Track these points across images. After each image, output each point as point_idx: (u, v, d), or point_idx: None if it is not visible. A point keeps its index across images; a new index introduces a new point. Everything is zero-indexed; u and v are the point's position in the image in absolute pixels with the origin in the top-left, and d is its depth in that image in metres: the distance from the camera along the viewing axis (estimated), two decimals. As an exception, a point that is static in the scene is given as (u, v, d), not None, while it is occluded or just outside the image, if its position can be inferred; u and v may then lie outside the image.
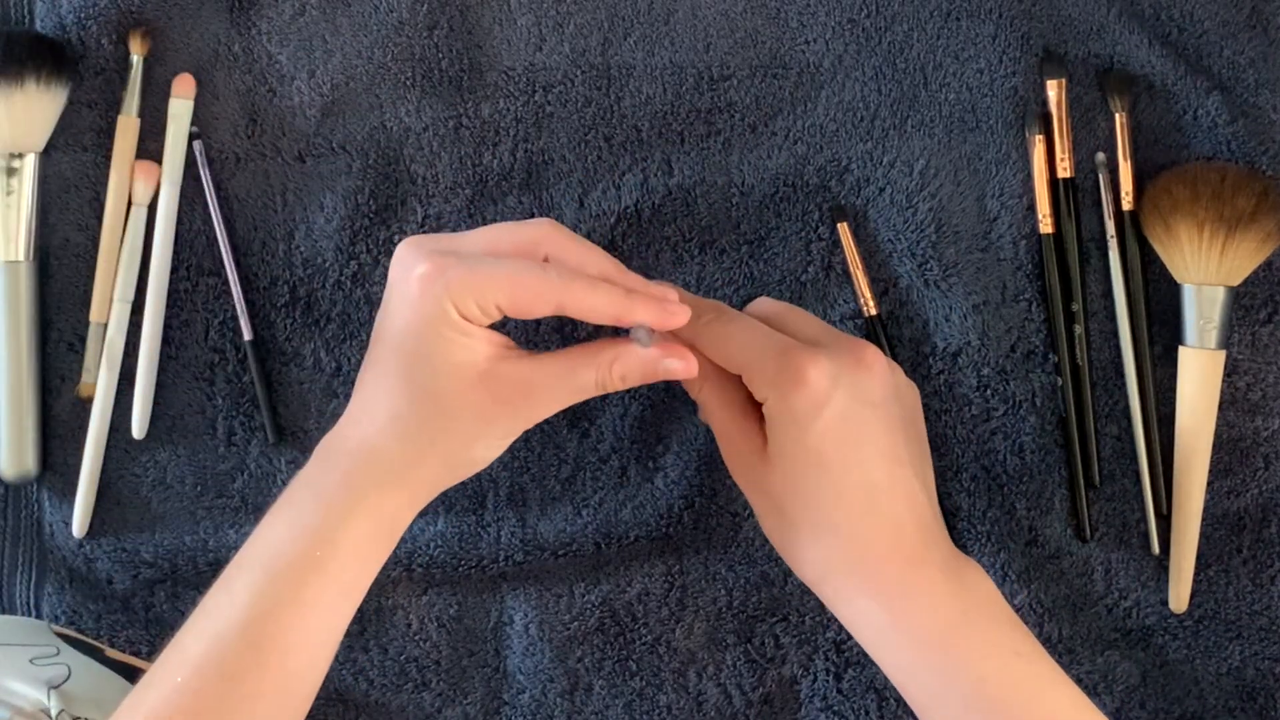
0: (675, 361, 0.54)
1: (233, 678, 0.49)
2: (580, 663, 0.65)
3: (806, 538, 0.54)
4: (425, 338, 0.51)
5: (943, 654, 0.52)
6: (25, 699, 0.58)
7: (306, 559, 0.50)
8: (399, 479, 0.53)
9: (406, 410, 0.52)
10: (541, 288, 0.51)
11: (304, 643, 0.51)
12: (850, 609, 0.54)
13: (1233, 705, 0.64)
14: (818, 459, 0.53)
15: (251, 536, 0.53)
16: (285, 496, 0.53)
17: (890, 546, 0.53)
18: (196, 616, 0.51)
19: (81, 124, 0.65)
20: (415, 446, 0.53)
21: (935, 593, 0.53)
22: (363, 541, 0.52)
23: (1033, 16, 0.64)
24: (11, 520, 0.66)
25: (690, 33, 0.65)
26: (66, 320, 0.65)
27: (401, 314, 0.52)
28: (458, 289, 0.51)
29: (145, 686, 0.50)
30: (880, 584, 0.53)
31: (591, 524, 0.64)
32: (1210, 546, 0.64)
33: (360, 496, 0.52)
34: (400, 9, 0.65)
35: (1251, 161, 0.63)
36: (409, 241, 0.53)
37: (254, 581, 0.50)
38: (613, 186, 0.65)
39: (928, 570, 0.53)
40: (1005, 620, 0.53)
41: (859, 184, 0.64)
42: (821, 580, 0.55)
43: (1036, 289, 0.64)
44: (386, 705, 0.65)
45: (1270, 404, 0.63)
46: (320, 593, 0.51)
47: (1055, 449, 0.64)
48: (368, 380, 0.54)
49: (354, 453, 0.53)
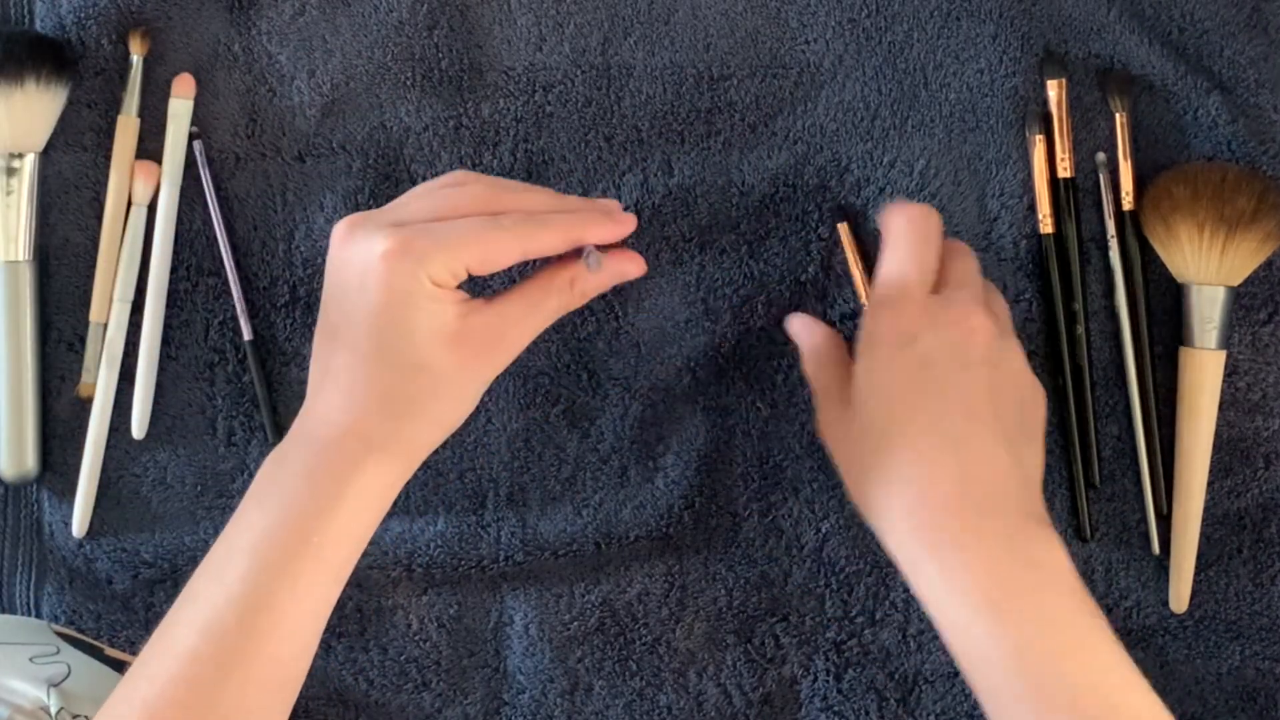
0: (628, 265, 0.57)
1: (227, 666, 0.49)
2: (580, 663, 0.65)
3: (876, 483, 0.54)
4: (398, 311, 0.52)
5: (989, 618, 0.50)
6: (25, 697, 0.58)
7: (301, 546, 0.50)
8: (392, 453, 0.53)
9: (390, 386, 0.52)
10: (506, 237, 0.53)
11: (298, 628, 0.51)
12: (907, 559, 0.53)
13: (1233, 705, 0.64)
14: (890, 396, 0.54)
15: (233, 522, 0.52)
16: (268, 482, 0.53)
17: (954, 499, 0.52)
18: (184, 605, 0.51)
19: (81, 124, 0.65)
20: (408, 420, 0.53)
21: (992, 555, 0.51)
22: (356, 522, 0.52)
23: (1033, 16, 0.64)
24: (11, 520, 0.66)
25: (690, 33, 0.65)
26: (66, 320, 0.65)
27: (367, 293, 0.52)
28: (429, 259, 0.51)
29: (135, 677, 0.50)
30: (937, 537, 0.52)
31: (591, 524, 0.64)
32: (1210, 547, 0.64)
33: (353, 478, 0.51)
34: (400, 9, 0.65)
35: (1251, 161, 0.63)
36: (347, 222, 0.53)
37: (246, 569, 0.50)
38: (613, 186, 0.65)
39: (990, 530, 0.51)
40: (1064, 592, 0.51)
41: (859, 184, 0.64)
42: (887, 530, 0.54)
43: (1037, 289, 0.64)
44: (386, 705, 0.65)
45: (1271, 404, 0.63)
46: (315, 579, 0.51)
47: (1056, 449, 0.64)
48: (336, 368, 0.53)
49: (342, 436, 0.52)
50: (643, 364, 0.65)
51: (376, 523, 0.54)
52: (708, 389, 0.65)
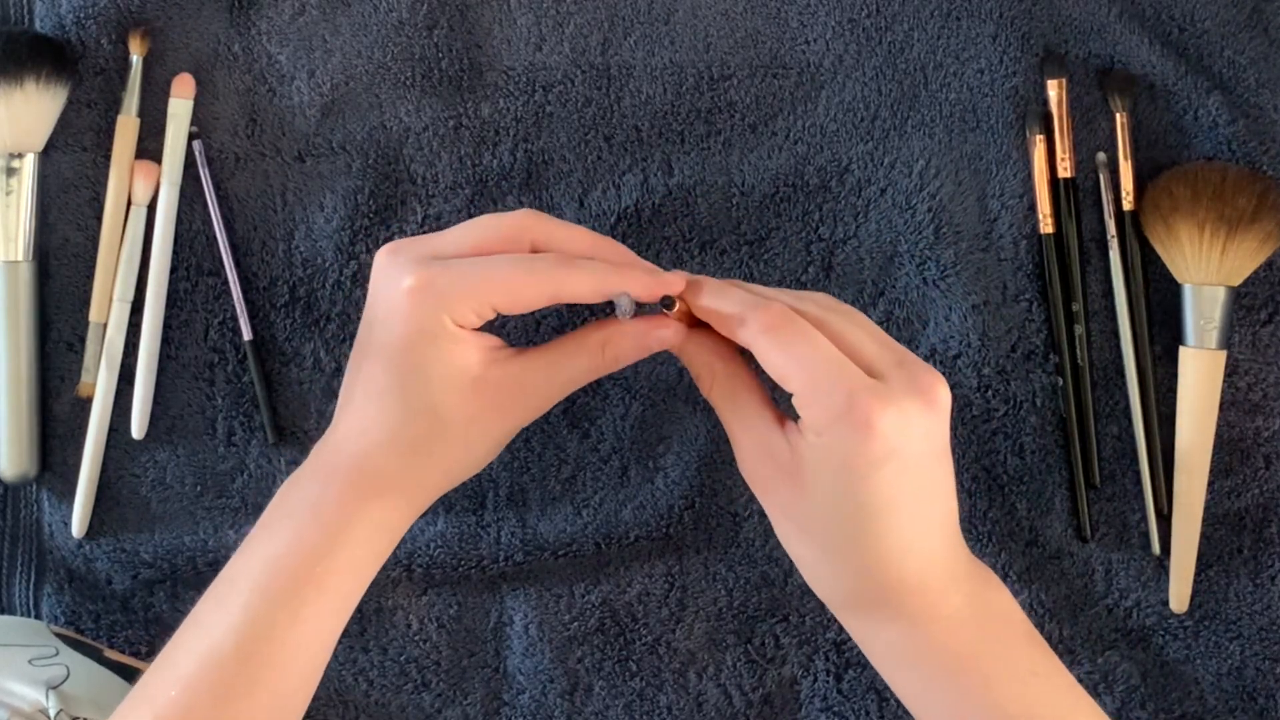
0: (664, 331, 0.53)
1: (225, 697, 0.48)
2: (580, 663, 0.65)
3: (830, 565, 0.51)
4: (418, 350, 0.51)
5: (959, 679, 0.49)
6: (24, 699, 0.58)
7: (304, 577, 0.50)
8: (399, 491, 0.52)
9: (403, 426, 0.52)
10: (533, 280, 0.50)
11: (298, 660, 0.50)
12: (865, 630, 0.52)
13: (1233, 705, 0.64)
14: (867, 509, 0.48)
15: (244, 547, 0.52)
16: (279, 509, 0.52)
17: (920, 580, 0.50)
18: (188, 629, 0.50)
19: (81, 124, 0.65)
20: (414, 460, 0.52)
21: (954, 616, 0.50)
22: (360, 556, 0.51)
23: (1033, 16, 0.64)
24: (11, 520, 0.66)
25: (690, 33, 0.65)
26: (66, 320, 0.65)
27: (391, 328, 0.51)
28: (451, 299, 0.50)
29: (137, 700, 0.49)
30: (901, 611, 0.50)
31: (591, 524, 0.64)
32: (1211, 546, 0.64)
33: (359, 512, 0.51)
34: (400, 9, 0.65)
35: (1251, 161, 0.63)
36: (389, 249, 0.52)
37: (249, 599, 0.49)
38: (613, 186, 0.65)
39: (949, 594, 0.50)
40: (1022, 637, 0.51)
41: (859, 184, 0.64)
42: (840, 605, 0.52)
43: (1037, 289, 0.64)
44: (386, 705, 0.65)
45: (1271, 404, 0.63)
46: (317, 610, 0.50)
47: (1056, 449, 0.64)
48: (358, 395, 0.53)
49: (351, 469, 0.52)
50: (643, 364, 0.65)
51: (382, 559, 0.53)
52: (708, 389, 0.65)
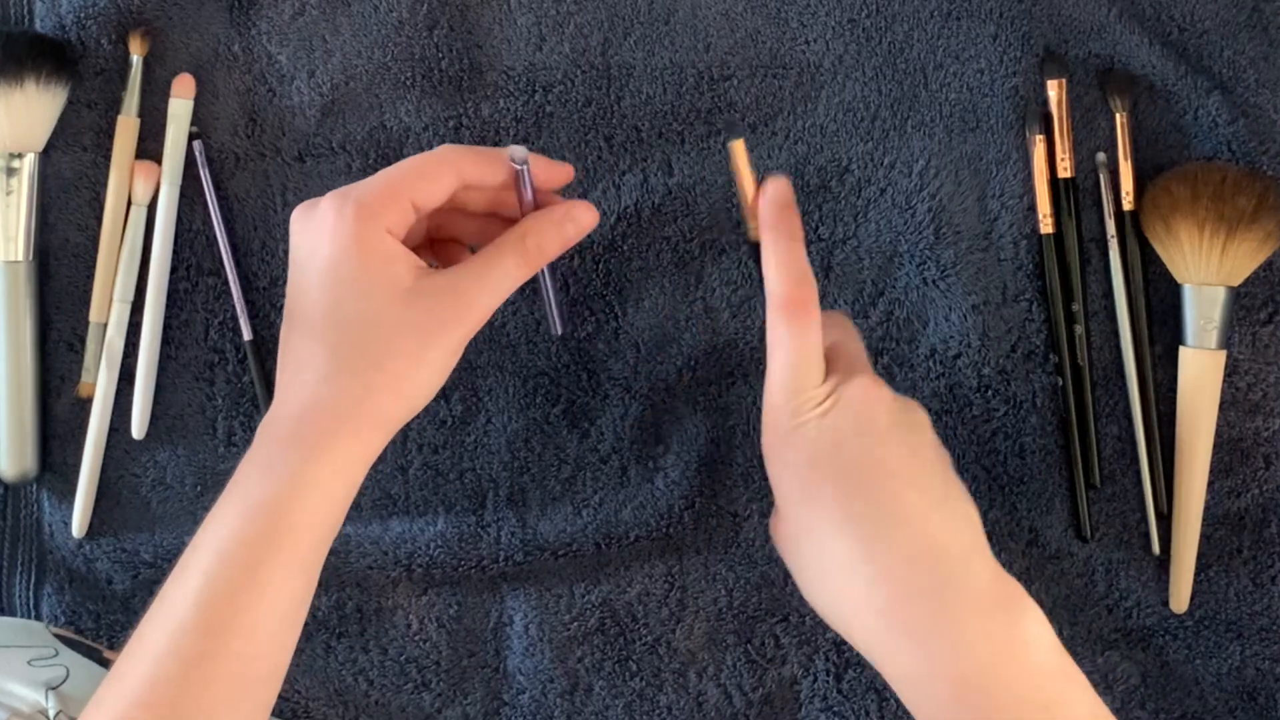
0: (581, 212, 0.55)
1: (189, 665, 0.48)
2: (580, 663, 0.65)
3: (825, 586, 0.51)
4: (346, 264, 0.51)
5: (963, 707, 0.47)
6: (23, 700, 0.58)
7: (258, 538, 0.49)
8: (348, 429, 0.51)
9: (343, 342, 0.51)
10: (437, 164, 0.53)
11: (261, 623, 0.49)
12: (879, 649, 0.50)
13: (1233, 705, 0.64)
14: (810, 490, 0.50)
15: (204, 522, 0.51)
16: (232, 480, 0.52)
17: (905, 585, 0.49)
18: (154, 607, 0.50)
19: (81, 124, 0.65)
20: (360, 379, 0.51)
21: (965, 635, 0.48)
22: (316, 508, 0.50)
23: (1033, 16, 0.64)
24: (11, 520, 0.66)
25: (690, 33, 0.65)
26: (66, 320, 0.65)
27: (316, 256, 0.52)
28: (369, 203, 0.52)
29: (110, 680, 0.49)
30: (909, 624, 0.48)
31: (591, 524, 0.64)
32: (1211, 546, 0.64)
33: (308, 463, 0.50)
34: (400, 9, 0.65)
35: (1251, 161, 0.63)
36: (301, 205, 0.54)
37: (206, 567, 0.49)
38: (613, 186, 0.65)
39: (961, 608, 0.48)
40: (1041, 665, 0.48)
41: (859, 184, 0.64)
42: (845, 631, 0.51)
43: (1037, 289, 0.64)
44: (386, 705, 0.65)
45: (1271, 404, 0.63)
46: (274, 571, 0.49)
47: (1056, 449, 0.64)
48: (293, 342, 0.53)
49: (292, 420, 0.51)
50: (643, 364, 0.65)
51: (344, 505, 0.52)
52: (708, 389, 0.65)
